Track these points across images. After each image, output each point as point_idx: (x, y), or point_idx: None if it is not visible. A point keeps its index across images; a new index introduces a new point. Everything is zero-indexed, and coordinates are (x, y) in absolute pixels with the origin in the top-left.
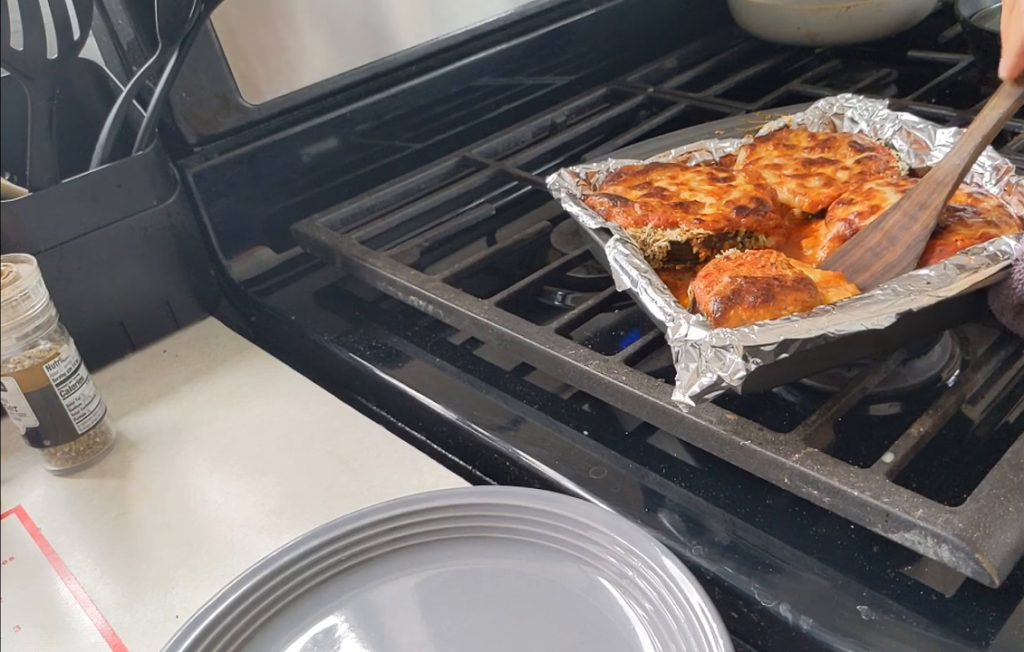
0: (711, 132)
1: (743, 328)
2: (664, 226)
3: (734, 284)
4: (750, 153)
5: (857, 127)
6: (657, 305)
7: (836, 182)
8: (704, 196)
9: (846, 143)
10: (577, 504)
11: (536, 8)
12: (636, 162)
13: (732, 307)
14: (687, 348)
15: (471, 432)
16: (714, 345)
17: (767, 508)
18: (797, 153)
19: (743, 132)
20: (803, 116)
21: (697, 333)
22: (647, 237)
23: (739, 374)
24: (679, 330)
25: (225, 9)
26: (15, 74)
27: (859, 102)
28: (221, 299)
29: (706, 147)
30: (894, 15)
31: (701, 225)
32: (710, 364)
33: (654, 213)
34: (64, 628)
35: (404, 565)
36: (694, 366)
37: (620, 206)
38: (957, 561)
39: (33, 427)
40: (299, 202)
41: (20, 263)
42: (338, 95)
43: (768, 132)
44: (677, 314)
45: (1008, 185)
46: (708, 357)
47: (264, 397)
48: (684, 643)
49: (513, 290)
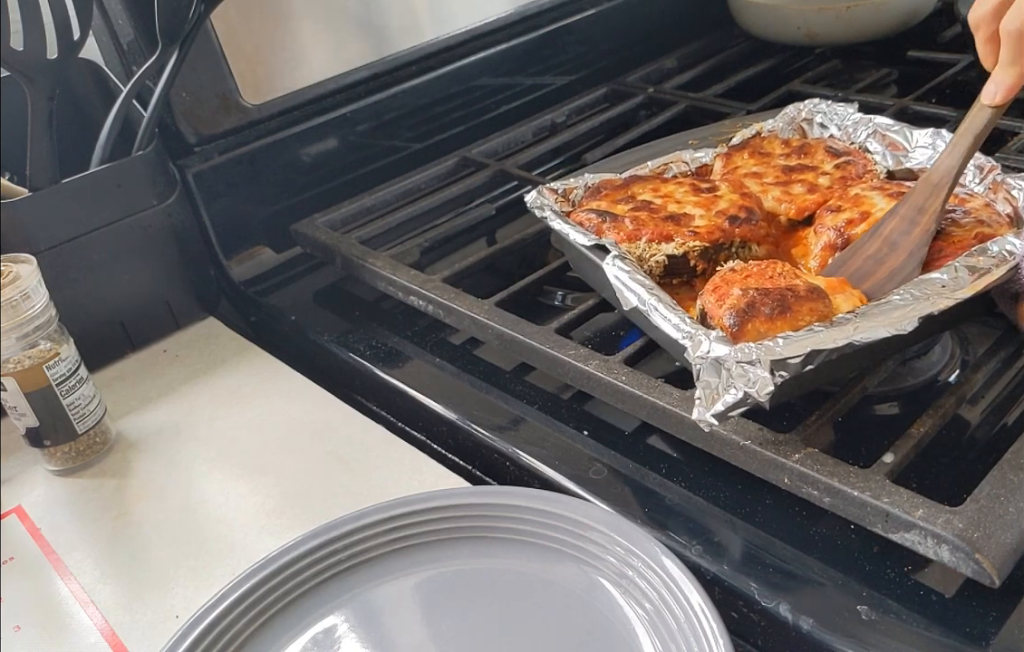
0: (685, 142)
1: (767, 341)
2: (658, 240)
3: (747, 296)
4: (726, 162)
5: (827, 132)
6: (671, 323)
7: (819, 188)
8: (692, 208)
9: (822, 148)
10: (577, 504)
11: (536, 8)
12: (614, 176)
13: (748, 320)
14: (709, 364)
15: (471, 432)
16: (739, 360)
17: (767, 508)
18: (774, 160)
19: (716, 141)
20: (773, 123)
21: (720, 348)
22: (642, 252)
23: (767, 389)
24: (700, 347)
25: (225, 9)
26: (15, 74)
27: (827, 106)
28: (221, 299)
29: (682, 158)
30: (894, 15)
31: (696, 237)
32: (736, 380)
33: (646, 227)
34: (64, 628)
35: (404, 565)
36: (716, 382)
37: (610, 221)
38: (957, 561)
39: (33, 427)
40: (299, 202)
41: (20, 263)
42: (338, 95)
43: (741, 140)
44: (696, 331)
45: (994, 184)
46: (734, 373)
47: (264, 397)
48: (684, 643)
49: (513, 290)
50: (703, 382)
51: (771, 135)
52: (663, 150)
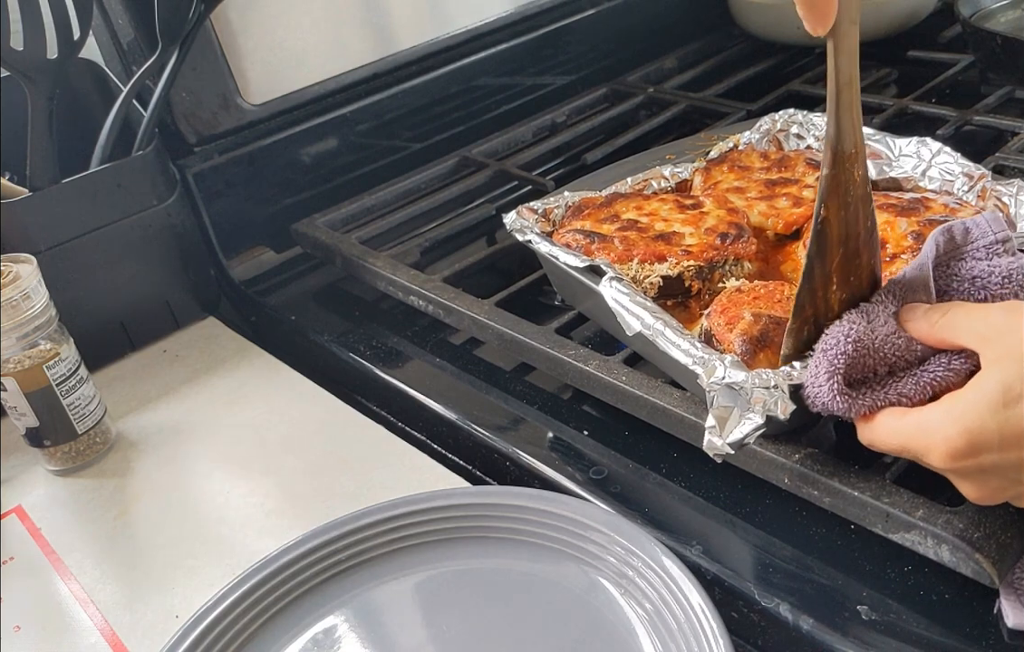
0: (662, 157)
1: (784, 368)
2: (651, 260)
3: (759, 324)
4: (706, 177)
5: (804, 143)
6: (681, 349)
7: (805, 201)
8: (680, 226)
9: (802, 161)
10: (577, 504)
11: (536, 8)
12: (594, 194)
13: (761, 349)
14: (723, 391)
15: (471, 432)
16: (758, 385)
17: (767, 508)
18: (755, 174)
19: (694, 155)
20: (748, 135)
21: (737, 374)
22: (635, 274)
23: (790, 409)
24: (715, 372)
25: (225, 9)
26: (15, 74)
27: (803, 117)
28: (221, 299)
29: (661, 173)
30: (894, 15)
31: (689, 256)
32: (754, 406)
33: (636, 248)
34: (64, 628)
35: (404, 565)
36: (733, 409)
37: (598, 242)
38: (957, 561)
39: (33, 427)
40: (299, 202)
41: (20, 263)
42: (338, 95)
43: (719, 154)
44: (709, 356)
45: (983, 190)
46: (752, 398)
47: (264, 397)
48: (684, 643)
49: (513, 290)
50: (718, 409)
51: (748, 148)
52: (641, 165)
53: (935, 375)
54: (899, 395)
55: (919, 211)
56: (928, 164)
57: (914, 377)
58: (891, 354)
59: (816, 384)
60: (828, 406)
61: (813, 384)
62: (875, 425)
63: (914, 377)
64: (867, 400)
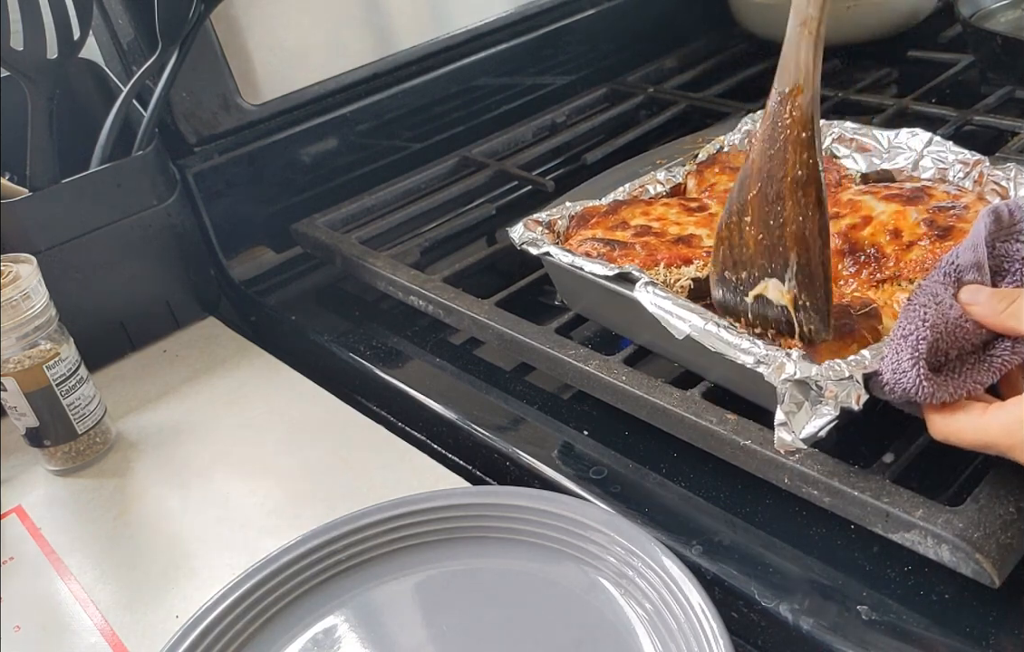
0: (653, 162)
1: (853, 357)
2: (678, 263)
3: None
4: (699, 180)
5: None
6: (741, 349)
7: None
8: (694, 228)
9: None
10: (577, 504)
11: (536, 8)
12: (595, 202)
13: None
14: (794, 386)
15: (471, 432)
16: (832, 379)
17: (767, 508)
18: None
19: (683, 159)
20: (731, 136)
21: (807, 368)
22: (664, 278)
23: (864, 398)
24: (785, 370)
25: (225, 9)
26: (15, 74)
27: None
28: (221, 299)
29: (656, 178)
30: (894, 15)
31: None
32: (826, 398)
33: (659, 252)
34: (64, 628)
35: (404, 565)
36: (804, 403)
37: (620, 249)
38: (957, 561)
39: (33, 427)
40: (299, 202)
41: (20, 263)
42: (338, 95)
43: (707, 157)
44: (773, 353)
45: (980, 176)
46: (826, 391)
47: (264, 397)
48: (684, 643)
49: (513, 290)
50: (786, 406)
51: (733, 149)
52: (633, 171)
53: (1003, 359)
54: (974, 382)
55: (924, 199)
56: (920, 154)
57: (984, 363)
58: (961, 338)
59: (899, 370)
60: (912, 392)
61: (895, 371)
62: (954, 421)
63: (984, 363)
64: (949, 386)
